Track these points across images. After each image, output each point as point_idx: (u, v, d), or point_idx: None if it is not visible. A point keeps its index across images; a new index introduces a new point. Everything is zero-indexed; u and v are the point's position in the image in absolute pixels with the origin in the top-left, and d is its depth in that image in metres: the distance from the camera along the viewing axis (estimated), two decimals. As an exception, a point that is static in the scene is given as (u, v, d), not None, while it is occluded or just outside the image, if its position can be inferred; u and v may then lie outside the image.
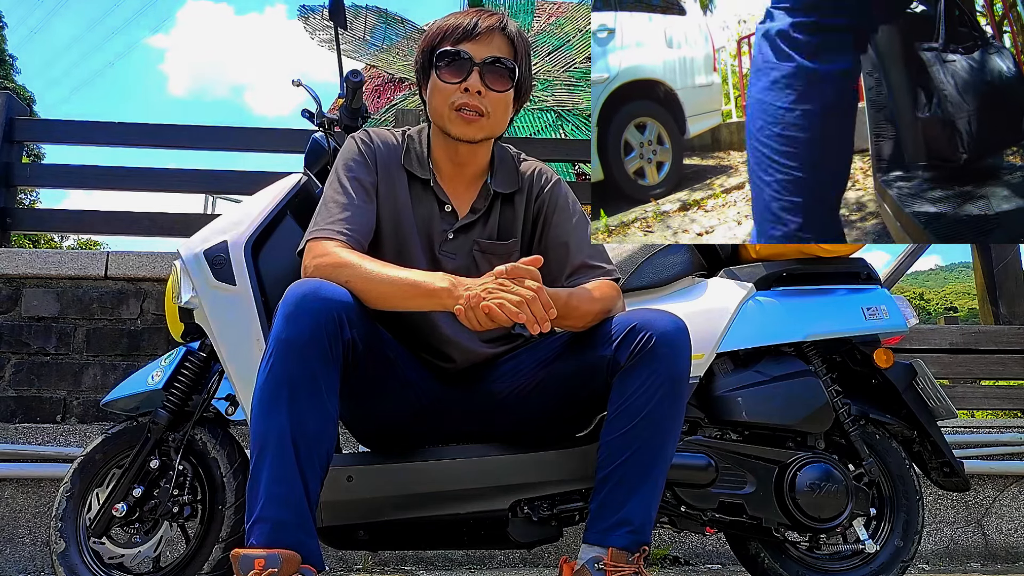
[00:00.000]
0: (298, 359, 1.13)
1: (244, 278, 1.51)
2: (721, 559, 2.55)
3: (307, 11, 9.93)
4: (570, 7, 9.88)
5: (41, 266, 2.77)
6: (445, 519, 1.43)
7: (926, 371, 1.76)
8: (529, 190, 1.51)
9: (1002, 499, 2.71)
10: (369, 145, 1.46)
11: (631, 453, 1.23)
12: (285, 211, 1.64)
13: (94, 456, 1.67)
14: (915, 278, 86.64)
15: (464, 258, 1.45)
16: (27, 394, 2.68)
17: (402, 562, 2.49)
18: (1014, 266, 3.29)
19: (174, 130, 3.61)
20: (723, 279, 1.75)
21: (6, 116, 3.28)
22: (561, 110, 8.55)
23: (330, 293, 1.17)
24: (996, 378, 3.17)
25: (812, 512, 1.58)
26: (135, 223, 3.40)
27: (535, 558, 2.50)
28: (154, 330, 2.75)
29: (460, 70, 1.37)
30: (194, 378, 1.66)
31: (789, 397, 1.65)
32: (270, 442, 1.11)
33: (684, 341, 1.27)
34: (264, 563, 1.03)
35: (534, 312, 1.14)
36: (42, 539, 2.42)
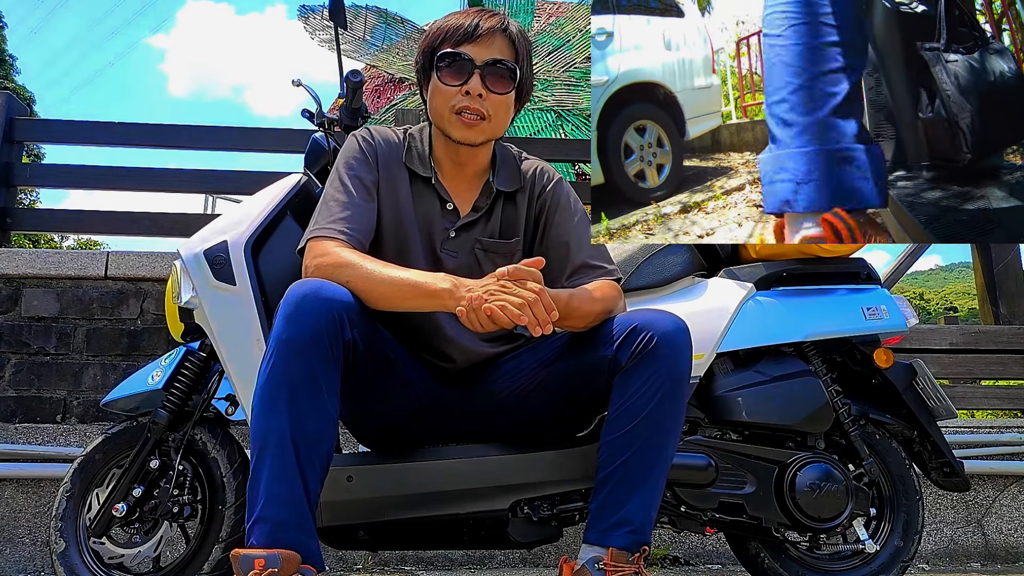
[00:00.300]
0: (298, 359, 1.13)
1: (244, 278, 1.51)
2: (721, 559, 2.55)
3: (307, 11, 9.94)
4: (570, 7, 9.88)
5: (41, 266, 2.77)
6: (445, 519, 1.43)
7: (926, 371, 1.76)
8: (531, 189, 1.50)
9: (1002, 499, 2.71)
10: (370, 143, 1.46)
11: (632, 453, 1.23)
12: (285, 211, 1.64)
13: (94, 456, 1.67)
14: (915, 278, 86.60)
15: (466, 256, 1.44)
16: (27, 394, 2.67)
17: (402, 562, 2.49)
18: (1014, 266, 3.30)
19: (174, 130, 3.61)
20: (723, 279, 1.75)
21: (6, 116, 3.28)
22: (561, 110, 8.55)
23: (331, 293, 1.17)
24: (996, 378, 3.17)
25: (812, 512, 1.58)
26: (135, 223, 3.40)
27: (535, 558, 2.50)
28: (154, 330, 2.75)
29: (461, 72, 1.37)
30: (194, 378, 1.65)
31: (789, 397, 1.65)
32: (270, 442, 1.11)
33: (685, 342, 1.27)
34: (264, 563, 1.03)
35: (536, 314, 1.14)
36: (42, 539, 2.42)
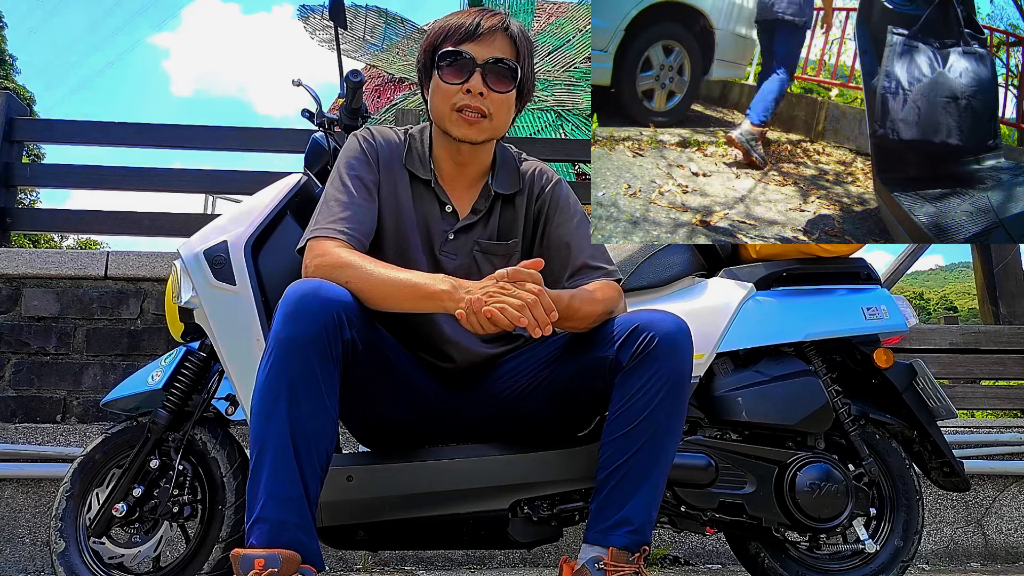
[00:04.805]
0: (298, 359, 1.13)
1: (244, 278, 1.51)
2: (721, 559, 2.55)
3: (307, 11, 9.94)
4: (570, 7, 9.88)
5: (41, 266, 2.77)
6: (445, 519, 1.43)
7: (926, 371, 1.76)
8: (530, 190, 1.50)
9: (1002, 499, 2.71)
10: (371, 143, 1.46)
11: (632, 453, 1.23)
12: (285, 211, 1.64)
13: (94, 456, 1.67)
14: (915, 278, 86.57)
15: (465, 258, 1.45)
16: (27, 394, 2.67)
17: (402, 562, 2.49)
18: (1014, 266, 3.30)
19: (174, 130, 3.61)
20: (723, 279, 1.75)
21: (6, 116, 3.28)
22: (561, 110, 8.56)
23: (330, 293, 1.17)
24: (996, 378, 3.17)
25: (812, 512, 1.58)
26: (135, 223, 3.40)
27: (535, 558, 2.50)
28: (154, 330, 2.75)
29: (462, 71, 1.36)
30: (194, 378, 1.65)
31: (789, 397, 1.65)
32: (270, 442, 1.11)
33: (686, 342, 1.27)
34: (264, 563, 1.03)
35: (536, 316, 1.13)
36: (42, 539, 2.42)
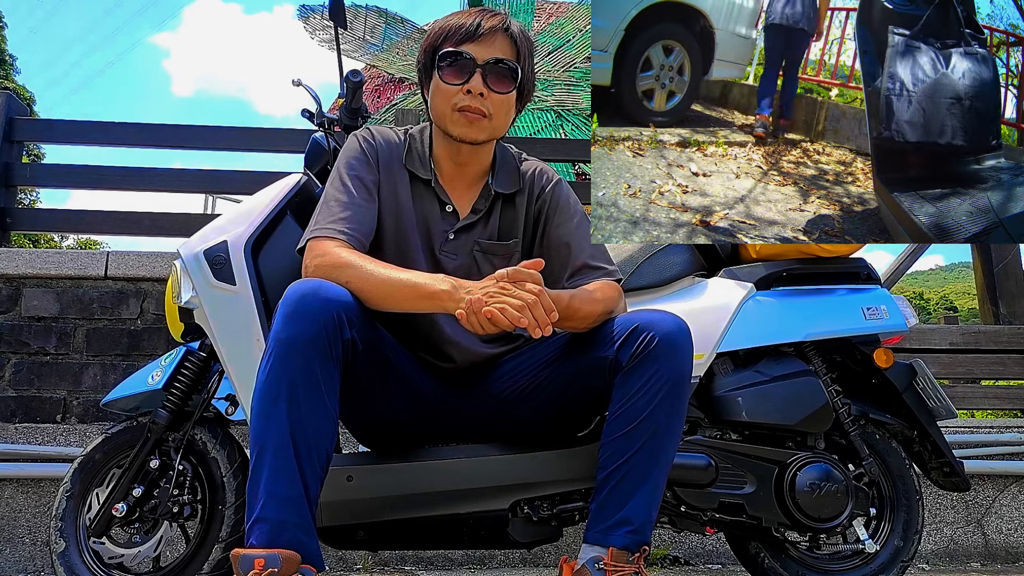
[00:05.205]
0: (298, 359, 1.13)
1: (244, 278, 1.51)
2: (721, 559, 2.55)
3: (307, 11, 9.95)
4: (570, 7, 9.88)
5: (41, 266, 2.77)
6: (445, 519, 1.43)
7: (926, 371, 1.76)
8: (530, 190, 1.50)
9: (1002, 499, 2.71)
10: (371, 143, 1.46)
11: (632, 453, 1.23)
12: (285, 211, 1.64)
13: (94, 456, 1.67)
14: (915, 278, 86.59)
15: (465, 258, 1.45)
16: (27, 394, 2.67)
17: (402, 562, 2.49)
18: (1014, 266, 3.29)
19: (174, 130, 3.61)
20: (723, 279, 1.75)
21: (6, 116, 3.28)
22: (561, 110, 8.56)
23: (330, 293, 1.17)
24: (996, 378, 3.17)
25: (812, 512, 1.58)
26: (135, 223, 3.40)
27: (535, 558, 2.50)
28: (154, 330, 2.75)
29: (462, 71, 1.36)
30: (194, 378, 1.65)
31: (789, 397, 1.65)
32: (270, 442, 1.11)
33: (686, 342, 1.27)
34: (264, 563, 1.03)
35: (536, 316, 1.13)
36: (42, 539, 2.42)
